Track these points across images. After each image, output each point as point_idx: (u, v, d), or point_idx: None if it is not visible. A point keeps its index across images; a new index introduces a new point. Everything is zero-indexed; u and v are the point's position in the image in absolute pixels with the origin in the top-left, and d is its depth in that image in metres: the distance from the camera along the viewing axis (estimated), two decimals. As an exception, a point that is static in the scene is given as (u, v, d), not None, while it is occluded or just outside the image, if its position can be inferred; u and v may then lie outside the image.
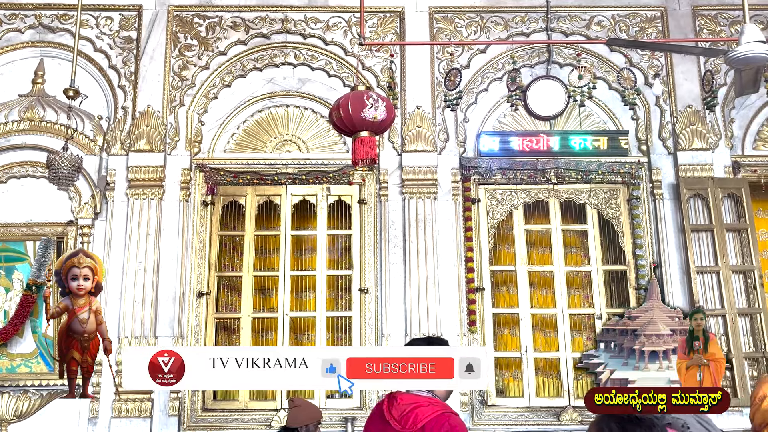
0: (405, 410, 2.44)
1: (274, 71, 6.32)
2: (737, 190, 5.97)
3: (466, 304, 5.90)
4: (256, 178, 6.09)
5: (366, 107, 3.69)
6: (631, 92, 4.98)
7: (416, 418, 2.40)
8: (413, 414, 2.41)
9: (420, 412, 2.40)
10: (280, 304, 5.93)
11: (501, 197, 6.21)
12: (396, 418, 2.46)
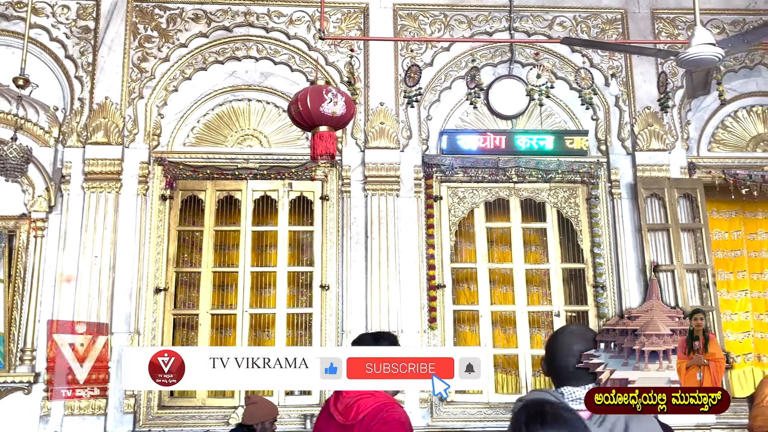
0: (348, 403, 2.44)
1: (236, 65, 6.24)
2: (692, 190, 6.09)
3: (427, 301, 5.91)
4: (217, 172, 6.01)
5: (325, 102, 3.66)
6: (587, 91, 5.05)
7: (358, 410, 2.40)
8: (356, 406, 2.41)
9: (362, 404, 2.41)
10: (239, 300, 5.87)
11: (463, 195, 6.24)
12: (340, 411, 2.46)
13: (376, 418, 2.36)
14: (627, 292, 5.93)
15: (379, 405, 2.41)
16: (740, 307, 6.60)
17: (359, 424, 2.40)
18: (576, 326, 2.44)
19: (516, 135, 6.25)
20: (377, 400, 2.43)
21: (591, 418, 1.98)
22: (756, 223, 6.81)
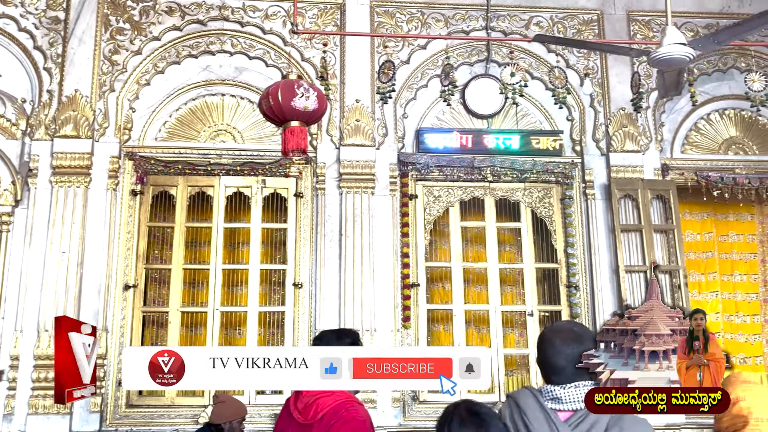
0: (308, 402, 2.40)
1: (210, 59, 6.15)
2: (665, 192, 6.13)
3: (401, 300, 5.88)
4: (189, 167, 5.92)
5: (296, 96, 3.61)
6: (561, 91, 5.05)
7: (317, 408, 2.36)
8: (315, 405, 2.37)
9: (321, 402, 2.37)
10: (210, 298, 5.79)
11: (438, 194, 6.22)
12: (299, 410, 2.42)
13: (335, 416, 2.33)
14: (600, 293, 5.95)
15: (339, 404, 2.37)
16: (711, 308, 6.66)
17: (318, 423, 2.36)
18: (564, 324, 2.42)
19: (492, 134, 6.24)
20: (336, 399, 2.39)
21: (568, 420, 1.95)
22: (727, 225, 6.88)
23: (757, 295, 6.77)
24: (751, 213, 6.89)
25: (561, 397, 2.00)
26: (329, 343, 2.66)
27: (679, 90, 4.03)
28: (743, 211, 6.85)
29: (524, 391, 2.05)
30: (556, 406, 1.99)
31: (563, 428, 1.93)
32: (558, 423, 1.93)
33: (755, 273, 6.81)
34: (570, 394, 2.02)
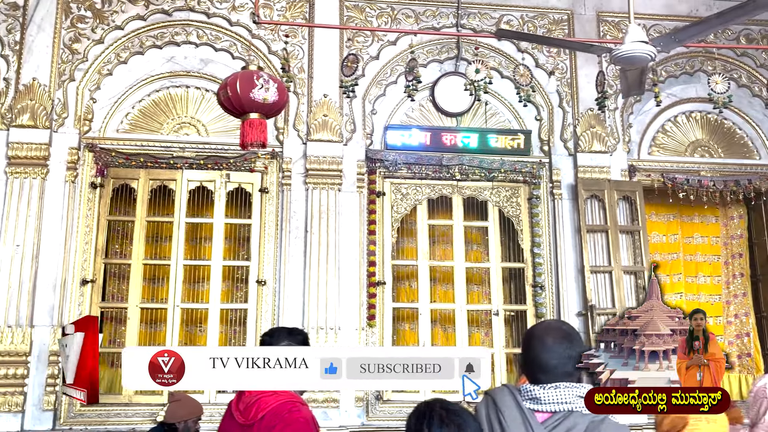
0: (249, 401, 2.32)
1: (175, 50, 6.02)
2: (632, 193, 6.15)
3: (367, 298, 5.82)
4: (151, 160, 5.78)
5: (255, 88, 3.52)
6: (526, 89, 5.02)
7: (258, 408, 2.28)
8: (256, 404, 2.29)
9: (263, 402, 2.28)
10: (170, 294, 5.65)
11: (406, 191, 6.17)
12: (241, 410, 2.33)
13: (276, 417, 2.24)
14: (565, 293, 5.95)
15: (281, 404, 2.29)
16: (675, 310, 6.70)
17: (259, 423, 2.28)
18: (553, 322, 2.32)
19: (460, 133, 6.20)
20: (279, 399, 2.30)
21: (546, 421, 1.86)
22: (692, 227, 6.95)
23: (720, 297, 6.84)
24: (716, 215, 6.97)
25: (540, 397, 1.88)
26: (280, 338, 2.58)
27: (642, 89, 4.02)
28: (708, 213, 6.92)
29: (503, 389, 1.96)
30: (534, 406, 1.88)
31: (539, 430, 1.85)
32: (534, 424, 1.83)
33: (719, 275, 6.89)
34: (549, 395, 1.91)
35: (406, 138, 6.15)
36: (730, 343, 6.75)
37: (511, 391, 1.92)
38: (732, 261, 6.88)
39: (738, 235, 6.91)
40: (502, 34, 4.37)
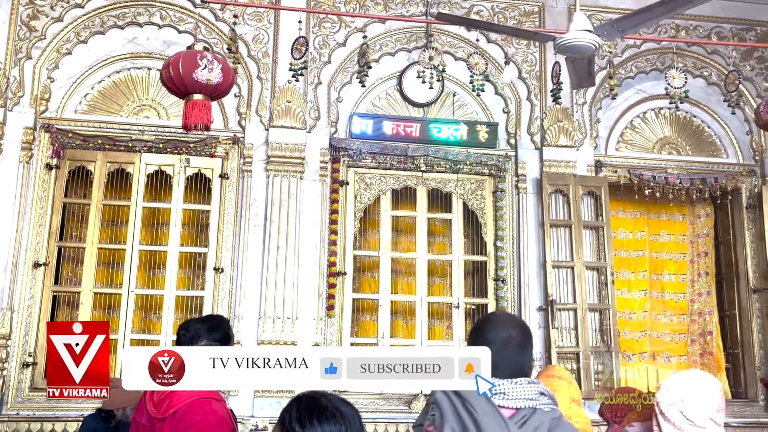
0: (163, 394, 2.25)
1: (137, 30, 5.89)
2: (597, 188, 6.11)
3: (326, 288, 5.75)
4: (109, 143, 5.66)
5: (199, 68, 3.42)
6: (479, 77, 4.96)
7: (171, 403, 2.21)
8: (169, 398, 2.23)
9: (175, 397, 2.22)
10: (125, 279, 5.55)
11: (370, 181, 6.09)
12: (155, 402, 2.26)
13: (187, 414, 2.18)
14: (527, 287, 5.91)
15: (193, 400, 2.23)
16: (639, 307, 6.70)
17: (171, 418, 2.22)
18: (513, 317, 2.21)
19: (427, 123, 6.13)
20: (192, 395, 2.24)
21: (513, 417, 1.78)
22: (659, 225, 6.92)
23: (685, 295, 6.83)
24: (683, 213, 6.94)
25: (507, 392, 1.80)
26: (197, 333, 2.51)
27: (592, 81, 3.96)
28: (675, 211, 6.89)
29: None
30: (500, 401, 1.79)
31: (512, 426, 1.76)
32: (506, 420, 1.75)
33: (684, 273, 6.87)
34: (517, 390, 1.81)
35: (371, 127, 6.07)
36: (693, 341, 6.75)
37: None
38: (698, 259, 6.86)
39: (704, 234, 6.90)
40: (442, 17, 4.29)
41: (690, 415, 2.07)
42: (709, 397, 2.08)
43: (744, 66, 6.56)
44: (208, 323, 2.57)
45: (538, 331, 5.85)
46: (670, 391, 2.15)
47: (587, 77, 3.79)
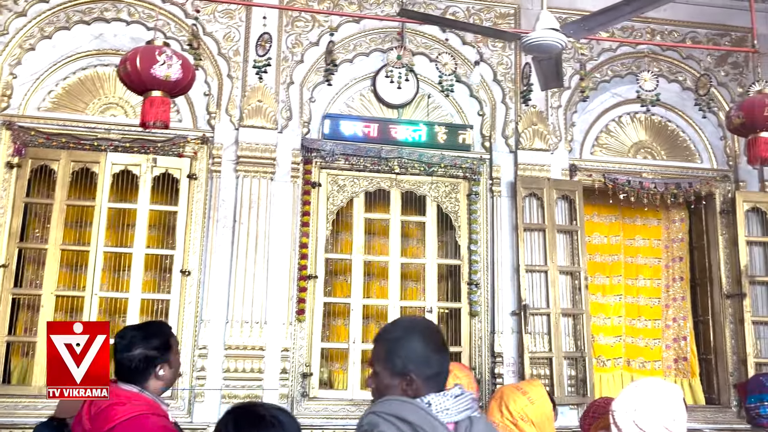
0: (101, 407, 2.12)
1: (104, 27, 5.74)
2: (571, 192, 6.07)
3: (297, 292, 5.63)
4: (73, 141, 5.50)
5: (157, 64, 3.30)
6: (447, 78, 4.87)
7: (108, 417, 2.09)
8: (106, 412, 2.10)
9: (114, 412, 2.09)
10: (89, 282, 5.40)
11: (343, 183, 5.99)
12: (92, 414, 2.13)
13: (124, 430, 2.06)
14: (500, 291, 5.84)
15: (132, 418, 2.10)
16: (614, 312, 6.67)
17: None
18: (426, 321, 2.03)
19: (401, 125, 6.05)
20: (133, 410, 2.11)
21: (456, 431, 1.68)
22: (634, 229, 6.89)
23: (660, 300, 6.80)
24: (658, 218, 6.92)
25: (450, 407, 1.68)
26: (132, 341, 2.38)
27: (560, 82, 3.90)
28: (650, 216, 6.87)
29: (404, 404, 1.64)
30: (448, 419, 1.67)
31: None
32: None
33: (659, 278, 6.84)
34: (457, 404, 1.70)
35: (344, 128, 5.98)
36: (667, 347, 6.72)
37: (415, 405, 1.64)
38: (672, 264, 6.84)
39: (679, 239, 6.88)
40: (405, 14, 4.22)
41: (643, 424, 2.01)
42: (663, 406, 2.02)
43: (718, 71, 6.56)
44: (145, 330, 2.44)
45: (511, 335, 5.79)
46: (624, 401, 2.10)
47: (555, 78, 3.72)
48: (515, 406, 2.58)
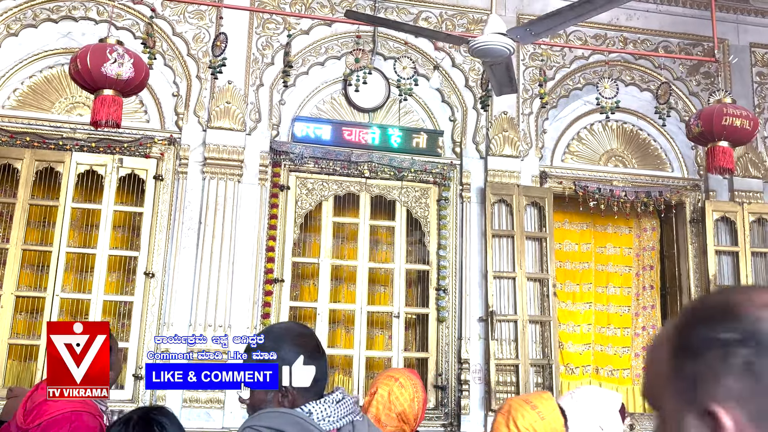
0: (36, 403, 2.09)
1: (72, 25, 5.69)
2: (541, 199, 6.06)
3: (262, 296, 5.59)
4: (38, 140, 5.44)
5: (108, 62, 3.26)
6: (406, 82, 4.85)
7: (39, 414, 2.06)
8: (39, 408, 2.07)
9: (47, 407, 2.07)
10: (50, 282, 5.33)
11: (312, 186, 5.95)
12: (25, 410, 2.11)
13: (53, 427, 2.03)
14: (468, 297, 5.82)
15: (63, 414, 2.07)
16: (583, 319, 6.66)
17: (35, 430, 2.05)
18: (300, 325, 2.00)
19: (372, 129, 6.02)
20: (64, 407, 2.08)
21: None
22: (606, 237, 6.90)
23: (629, 309, 6.81)
24: (629, 226, 6.93)
25: (333, 414, 1.62)
26: None
27: (513, 87, 3.89)
28: (622, 224, 6.88)
29: (282, 415, 1.55)
30: (326, 425, 1.63)
31: None
32: None
33: (629, 286, 6.85)
34: (339, 410, 1.69)
35: (314, 131, 5.95)
36: (636, 355, 6.72)
37: (296, 416, 1.55)
38: (643, 273, 6.85)
39: (650, 247, 6.89)
40: (352, 15, 4.19)
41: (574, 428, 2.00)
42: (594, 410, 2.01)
43: (690, 81, 6.59)
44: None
45: (478, 342, 5.76)
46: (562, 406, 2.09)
47: (508, 83, 3.71)
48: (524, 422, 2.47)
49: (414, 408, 2.45)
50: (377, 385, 2.55)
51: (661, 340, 0.76)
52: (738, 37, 6.65)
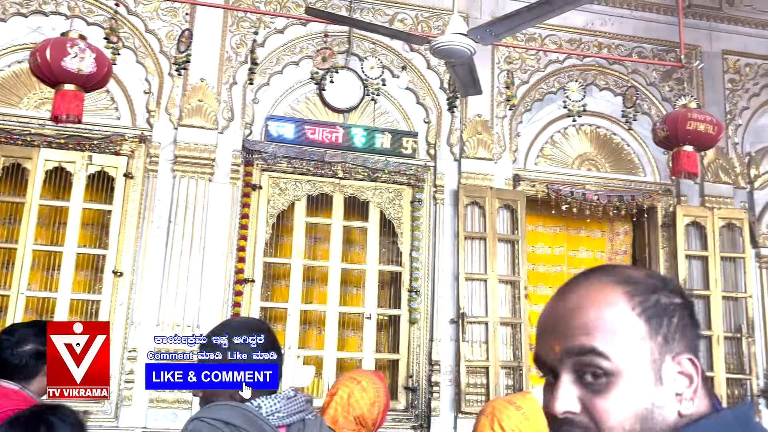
0: None
1: (42, 20, 5.62)
2: (514, 202, 6.08)
3: (232, 296, 5.54)
4: (5, 136, 5.36)
5: (68, 56, 3.22)
6: (374, 82, 4.84)
7: None
8: None
9: None
10: (15, 280, 5.24)
11: (285, 186, 5.92)
12: None
13: None
14: (440, 299, 5.82)
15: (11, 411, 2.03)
16: (556, 322, 6.67)
17: None
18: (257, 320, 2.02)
19: (346, 130, 6.01)
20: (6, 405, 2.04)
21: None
22: (579, 241, 6.93)
23: (602, 312, 6.82)
24: (602, 230, 6.97)
25: (281, 410, 1.68)
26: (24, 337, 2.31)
27: (477, 88, 3.90)
28: (595, 227, 6.92)
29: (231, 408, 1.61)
30: (275, 421, 1.65)
31: None
32: None
33: (601, 290, 6.87)
34: (289, 405, 1.71)
35: (288, 131, 5.92)
36: (608, 358, 6.75)
37: (244, 409, 1.61)
38: (615, 276, 6.88)
39: (623, 251, 6.94)
40: (312, 12, 4.19)
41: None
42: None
43: (663, 86, 6.65)
44: (36, 327, 2.38)
45: (449, 343, 5.76)
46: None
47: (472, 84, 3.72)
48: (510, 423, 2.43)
49: (373, 413, 2.44)
50: (338, 386, 2.53)
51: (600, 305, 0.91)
52: (711, 44, 6.72)
